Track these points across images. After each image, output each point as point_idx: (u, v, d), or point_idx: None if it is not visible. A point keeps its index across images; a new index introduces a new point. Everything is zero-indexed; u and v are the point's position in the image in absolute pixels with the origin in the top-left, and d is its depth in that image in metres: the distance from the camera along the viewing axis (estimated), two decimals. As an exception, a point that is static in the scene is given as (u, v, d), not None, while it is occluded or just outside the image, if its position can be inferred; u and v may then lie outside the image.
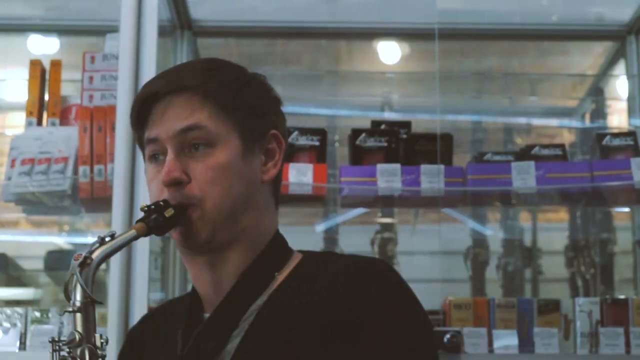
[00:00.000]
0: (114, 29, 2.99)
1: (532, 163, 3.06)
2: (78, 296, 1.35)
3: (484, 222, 3.81)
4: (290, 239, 1.56)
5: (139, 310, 2.69)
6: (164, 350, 1.51)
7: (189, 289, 1.57)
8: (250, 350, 1.40)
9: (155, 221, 1.43)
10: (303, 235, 3.72)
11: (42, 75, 3.16)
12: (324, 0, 3.94)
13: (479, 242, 3.72)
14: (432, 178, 3.05)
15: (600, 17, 3.84)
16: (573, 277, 3.72)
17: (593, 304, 2.87)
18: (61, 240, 4.07)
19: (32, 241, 4.11)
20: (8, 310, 2.84)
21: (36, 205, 3.04)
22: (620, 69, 3.87)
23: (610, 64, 3.92)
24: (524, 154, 3.18)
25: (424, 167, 3.06)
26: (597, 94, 3.95)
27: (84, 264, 1.36)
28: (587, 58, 4.23)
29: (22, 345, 2.80)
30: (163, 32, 3.27)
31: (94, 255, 1.37)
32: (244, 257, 1.47)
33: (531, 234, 3.96)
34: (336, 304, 1.39)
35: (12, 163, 2.99)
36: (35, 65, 3.17)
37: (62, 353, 1.36)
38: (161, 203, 1.44)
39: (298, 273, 1.48)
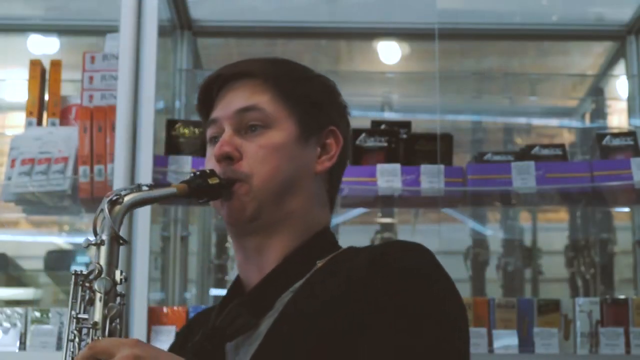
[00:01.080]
0: (114, 29, 2.99)
1: (532, 163, 3.06)
2: (105, 230, 1.36)
3: (484, 222, 3.81)
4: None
5: (139, 310, 2.70)
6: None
7: (189, 288, 1.57)
8: (280, 333, 1.40)
9: (197, 184, 1.44)
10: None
11: (42, 75, 3.16)
12: (324, 0, 3.94)
13: (479, 242, 3.72)
14: (432, 178, 3.05)
15: (600, 17, 3.84)
16: (573, 277, 3.73)
17: (593, 304, 2.87)
18: (61, 240, 4.08)
19: (32, 241, 4.12)
20: (8, 310, 2.84)
21: (36, 205, 3.04)
22: (620, 69, 3.87)
23: (610, 64, 3.92)
24: (524, 154, 3.18)
25: (424, 167, 3.06)
26: (597, 94, 3.95)
27: (115, 202, 1.37)
28: (587, 58, 4.23)
29: (22, 345, 2.80)
30: (163, 32, 3.28)
31: (127, 198, 1.38)
32: (289, 244, 1.49)
33: (531, 234, 3.97)
34: (359, 284, 1.38)
35: (12, 163, 2.99)
36: (35, 65, 3.17)
37: (84, 287, 1.36)
38: (207, 171, 1.46)
39: (336, 260, 1.49)
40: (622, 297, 3.00)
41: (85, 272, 1.36)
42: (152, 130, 2.83)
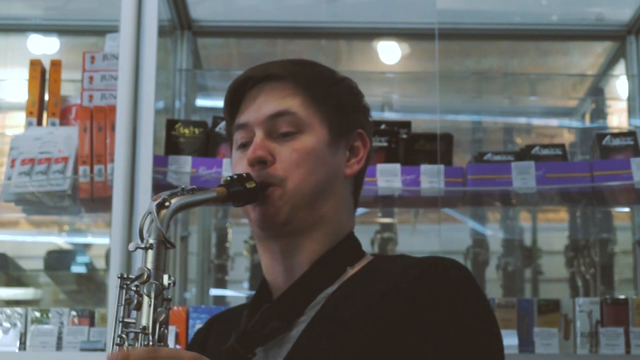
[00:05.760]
0: (114, 29, 2.99)
1: (532, 163, 3.06)
2: (152, 234, 1.36)
3: (484, 222, 3.81)
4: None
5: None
6: (225, 343, 1.50)
7: (189, 288, 1.58)
8: (315, 337, 1.41)
9: (236, 189, 1.44)
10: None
11: (42, 75, 3.16)
12: (324, 0, 3.94)
13: (479, 242, 3.72)
14: (432, 178, 3.05)
15: (601, 17, 3.84)
16: (573, 277, 3.73)
17: (593, 304, 2.87)
18: (61, 240, 4.07)
19: (32, 241, 4.11)
20: (8, 310, 2.84)
21: (36, 205, 3.04)
22: (620, 69, 3.87)
23: (610, 64, 3.92)
24: (524, 154, 3.18)
25: (424, 167, 3.07)
26: (597, 94, 3.95)
27: (162, 205, 1.37)
28: (587, 58, 4.23)
29: (22, 345, 2.80)
30: (163, 32, 3.28)
31: (173, 201, 1.38)
32: (318, 247, 1.49)
33: (531, 234, 3.96)
34: (403, 294, 1.39)
35: (12, 163, 2.99)
36: (35, 65, 3.17)
37: (129, 291, 1.35)
38: (244, 175, 1.46)
39: (370, 268, 1.50)
40: (622, 297, 3.00)
41: (131, 276, 1.35)
42: (152, 130, 2.83)
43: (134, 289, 1.34)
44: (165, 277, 1.36)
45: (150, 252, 1.36)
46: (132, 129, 2.82)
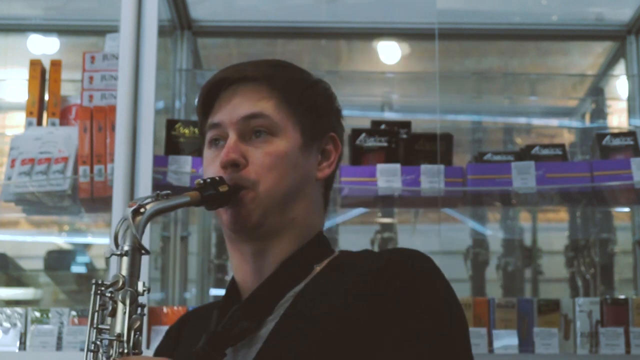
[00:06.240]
0: (114, 29, 2.99)
1: (532, 163, 3.06)
2: (127, 241, 1.36)
3: (484, 222, 3.81)
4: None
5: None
6: (196, 344, 1.50)
7: (189, 288, 1.58)
8: (284, 335, 1.41)
9: (209, 193, 1.44)
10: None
11: (42, 75, 3.16)
12: (324, 0, 3.94)
13: (479, 242, 3.72)
14: (432, 178, 3.05)
15: (601, 17, 3.84)
16: (573, 277, 3.72)
17: (593, 304, 2.87)
18: (61, 240, 4.07)
19: (32, 241, 4.11)
20: (8, 310, 2.84)
21: (36, 205, 3.04)
22: (620, 69, 3.87)
23: (610, 64, 3.92)
24: (524, 154, 3.18)
25: (424, 167, 3.07)
26: (597, 94, 3.95)
27: (137, 212, 1.37)
28: (587, 58, 4.23)
29: (22, 345, 2.80)
30: (163, 32, 3.28)
31: (148, 207, 1.38)
32: (288, 249, 1.50)
33: (531, 234, 3.96)
34: (367, 288, 1.40)
35: (12, 163, 2.99)
36: (35, 65, 3.17)
37: (103, 297, 1.36)
38: (217, 178, 1.46)
39: (334, 264, 1.51)
40: (622, 297, 2.99)
41: (106, 283, 1.36)
42: (152, 130, 2.83)
43: (109, 295, 1.35)
44: (140, 283, 1.37)
45: (125, 259, 1.36)
46: (132, 129, 2.82)
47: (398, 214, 3.69)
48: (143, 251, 1.38)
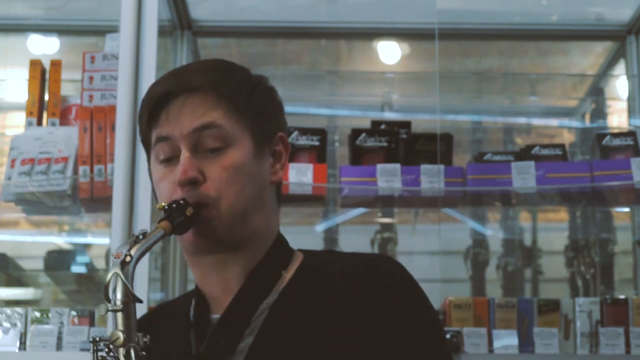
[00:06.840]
0: (114, 29, 2.99)
1: (532, 163, 3.06)
2: (119, 295, 1.35)
3: (484, 222, 3.81)
4: (290, 239, 1.57)
5: (139, 311, 2.69)
6: (168, 351, 1.50)
7: (189, 288, 1.57)
8: (264, 348, 1.41)
9: (179, 220, 1.41)
10: (303, 235, 3.72)
11: (42, 75, 3.16)
12: (324, 0, 3.94)
13: (479, 242, 3.72)
14: (432, 178, 3.05)
15: (601, 17, 3.84)
16: (573, 277, 3.72)
17: (593, 304, 2.87)
18: (61, 240, 4.07)
19: (32, 241, 4.11)
20: (8, 310, 2.84)
21: (36, 205, 3.04)
22: (620, 69, 3.87)
23: (610, 64, 3.92)
24: (524, 154, 3.18)
25: (424, 167, 3.07)
26: (597, 94, 3.95)
27: (124, 262, 1.35)
28: (587, 58, 4.23)
29: (22, 345, 2.80)
30: (163, 32, 3.27)
31: (132, 252, 1.36)
32: (252, 257, 1.48)
33: (531, 234, 3.96)
34: (349, 301, 1.41)
35: (12, 163, 2.99)
36: (35, 65, 3.17)
37: (102, 353, 1.35)
38: (181, 202, 1.43)
39: (305, 271, 1.50)
40: (622, 297, 2.99)
41: (105, 339, 1.34)
42: (152, 130, 2.83)
43: (111, 354, 1.33)
44: (140, 335, 1.35)
45: (120, 315, 1.34)
46: (132, 129, 2.82)
47: (398, 214, 3.69)
48: (137, 301, 1.36)
